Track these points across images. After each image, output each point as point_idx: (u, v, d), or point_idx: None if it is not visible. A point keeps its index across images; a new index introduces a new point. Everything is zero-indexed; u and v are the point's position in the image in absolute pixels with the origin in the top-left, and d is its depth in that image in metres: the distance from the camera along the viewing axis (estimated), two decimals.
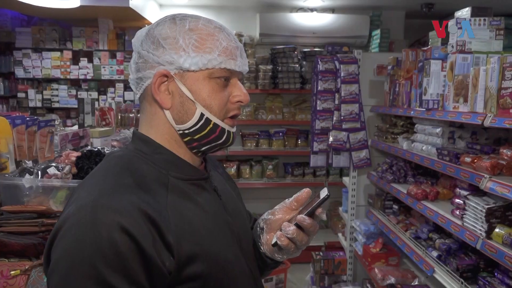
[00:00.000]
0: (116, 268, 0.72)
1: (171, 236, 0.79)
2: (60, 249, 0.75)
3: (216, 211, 0.93)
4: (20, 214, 1.67)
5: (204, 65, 0.86)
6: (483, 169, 1.81)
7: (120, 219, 0.74)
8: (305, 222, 0.92)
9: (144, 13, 4.54)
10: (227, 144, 0.93)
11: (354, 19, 4.89)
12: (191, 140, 0.91)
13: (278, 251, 0.99)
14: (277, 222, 0.99)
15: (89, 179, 0.87)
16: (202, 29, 0.88)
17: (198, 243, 0.83)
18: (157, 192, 0.83)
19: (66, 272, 0.72)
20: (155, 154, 0.90)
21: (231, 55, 0.89)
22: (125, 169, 0.85)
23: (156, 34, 0.88)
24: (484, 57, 2.03)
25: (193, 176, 0.92)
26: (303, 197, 0.99)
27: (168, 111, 0.89)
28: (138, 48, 0.91)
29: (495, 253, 1.68)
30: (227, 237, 0.92)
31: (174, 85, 0.88)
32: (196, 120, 0.88)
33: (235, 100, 0.92)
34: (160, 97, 0.88)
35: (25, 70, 5.13)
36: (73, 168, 1.83)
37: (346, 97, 3.21)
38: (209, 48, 0.87)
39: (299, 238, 0.93)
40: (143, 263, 0.74)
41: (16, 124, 1.78)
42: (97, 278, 0.71)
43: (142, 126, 0.94)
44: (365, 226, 3.26)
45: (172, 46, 0.86)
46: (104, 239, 0.72)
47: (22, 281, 1.55)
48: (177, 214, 0.83)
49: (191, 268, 0.81)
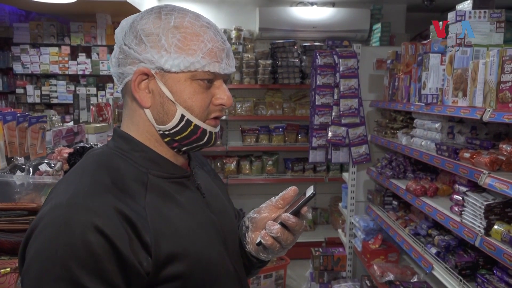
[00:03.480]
0: (90, 269, 0.70)
1: (148, 236, 0.76)
2: (33, 249, 0.73)
3: (198, 210, 0.90)
4: (10, 212, 1.65)
5: (186, 68, 0.83)
6: (482, 165, 1.77)
7: (95, 219, 0.71)
8: (290, 221, 0.89)
9: (142, 7, 4.50)
10: (209, 144, 0.91)
11: (355, 13, 4.84)
12: (171, 140, 0.88)
13: (263, 251, 0.96)
14: (263, 220, 0.96)
15: (67, 177, 0.84)
16: (188, 28, 0.83)
17: (178, 243, 0.81)
18: (135, 191, 0.81)
19: (39, 274, 0.70)
20: (134, 151, 0.87)
21: (216, 57, 0.85)
22: (103, 167, 0.83)
23: (139, 29, 0.84)
24: (484, 50, 1.99)
25: (174, 174, 0.89)
26: (289, 195, 0.96)
27: (148, 110, 0.86)
28: (120, 42, 0.87)
29: (494, 251, 1.65)
30: (210, 236, 0.89)
31: (154, 84, 0.85)
32: (176, 122, 0.85)
33: (218, 102, 0.88)
34: (139, 95, 0.85)
35: (23, 65, 5.11)
36: (65, 165, 1.80)
37: (345, 91, 3.18)
38: (193, 50, 0.83)
39: (283, 237, 0.91)
40: (119, 264, 0.72)
41: (6, 120, 1.76)
42: (70, 279, 0.69)
43: (124, 122, 0.91)
44: (364, 222, 3.23)
45: (154, 44, 0.83)
46: (78, 239, 0.70)
47: (13, 279, 1.53)
48: (155, 214, 0.80)
49: (170, 268, 0.78)
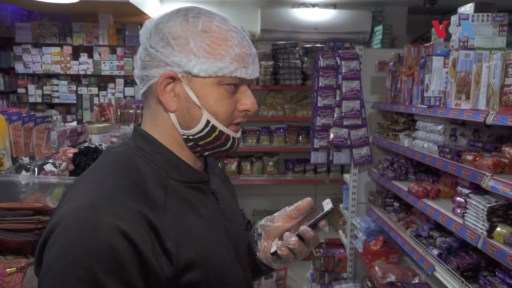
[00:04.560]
0: (113, 273, 0.69)
1: (169, 242, 0.76)
2: (54, 250, 0.71)
3: (214, 217, 0.90)
4: (16, 211, 1.66)
5: (214, 73, 0.82)
6: (485, 167, 1.78)
7: (120, 223, 0.71)
8: (308, 234, 0.90)
9: (144, 8, 4.51)
10: (231, 150, 0.91)
11: (356, 15, 4.86)
12: (194, 145, 0.88)
13: (276, 260, 0.97)
14: (276, 229, 0.96)
15: (87, 176, 0.83)
16: (216, 32, 0.83)
17: (197, 250, 0.81)
18: (156, 195, 0.80)
19: (61, 275, 0.69)
20: (155, 153, 0.86)
21: (243, 62, 0.84)
22: (125, 168, 0.82)
23: (166, 32, 0.83)
24: (487, 54, 2.00)
25: (192, 179, 0.89)
26: (304, 206, 0.96)
27: (173, 114, 0.85)
28: (146, 43, 0.86)
29: (496, 253, 1.66)
30: (224, 243, 0.90)
31: (180, 88, 0.84)
32: (202, 127, 0.85)
33: (242, 108, 0.88)
34: (165, 99, 0.84)
35: (25, 65, 5.12)
36: (70, 165, 1.81)
37: (347, 93, 3.19)
38: (221, 55, 0.82)
39: (299, 249, 0.91)
40: (141, 269, 0.72)
41: (12, 120, 1.76)
42: (93, 282, 0.68)
43: (145, 123, 0.90)
44: (365, 224, 3.24)
45: (182, 47, 0.82)
46: (103, 243, 0.69)
47: (18, 279, 1.53)
48: (176, 220, 0.80)
49: (189, 275, 0.78)
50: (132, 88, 5.23)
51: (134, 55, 5.21)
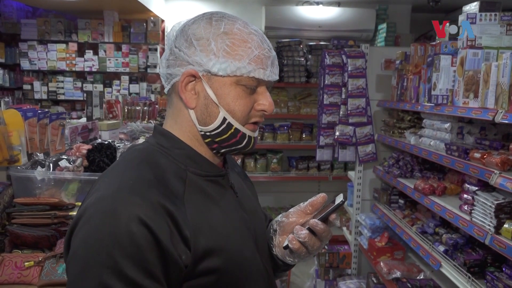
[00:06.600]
0: (132, 259, 0.73)
1: (188, 230, 0.80)
2: (79, 237, 0.77)
3: (232, 208, 0.93)
4: (32, 206, 1.69)
5: (232, 72, 0.86)
6: (493, 165, 1.81)
7: (139, 212, 0.75)
8: (318, 227, 0.92)
9: (149, 5, 4.53)
10: (247, 148, 0.94)
11: (360, 13, 4.87)
12: (211, 141, 0.92)
13: (289, 254, 0.99)
14: (291, 225, 0.99)
15: (110, 171, 0.88)
16: (236, 34, 0.87)
17: (215, 239, 0.84)
18: (175, 186, 0.84)
19: (85, 260, 0.74)
20: (174, 148, 0.91)
21: (262, 64, 0.88)
22: (145, 162, 0.87)
23: (190, 33, 0.88)
24: (494, 53, 2.02)
25: (210, 172, 0.93)
26: (318, 201, 0.99)
27: (192, 111, 0.90)
28: (171, 44, 0.91)
29: (504, 249, 1.69)
30: (243, 234, 0.93)
31: (200, 86, 0.88)
32: (218, 124, 0.88)
33: (259, 108, 0.91)
34: (185, 96, 0.89)
35: (30, 62, 5.14)
36: (84, 161, 1.84)
37: (353, 91, 3.21)
38: (240, 56, 0.86)
39: (310, 243, 0.93)
40: (160, 256, 0.75)
41: (27, 116, 1.79)
42: (113, 267, 0.72)
43: (167, 120, 0.95)
44: (370, 220, 3.27)
45: (203, 48, 0.86)
46: (123, 230, 0.73)
47: (36, 272, 1.56)
48: (194, 209, 0.84)
49: (207, 262, 0.82)
50: (137, 85, 5.25)
51: (139, 52, 5.22)
